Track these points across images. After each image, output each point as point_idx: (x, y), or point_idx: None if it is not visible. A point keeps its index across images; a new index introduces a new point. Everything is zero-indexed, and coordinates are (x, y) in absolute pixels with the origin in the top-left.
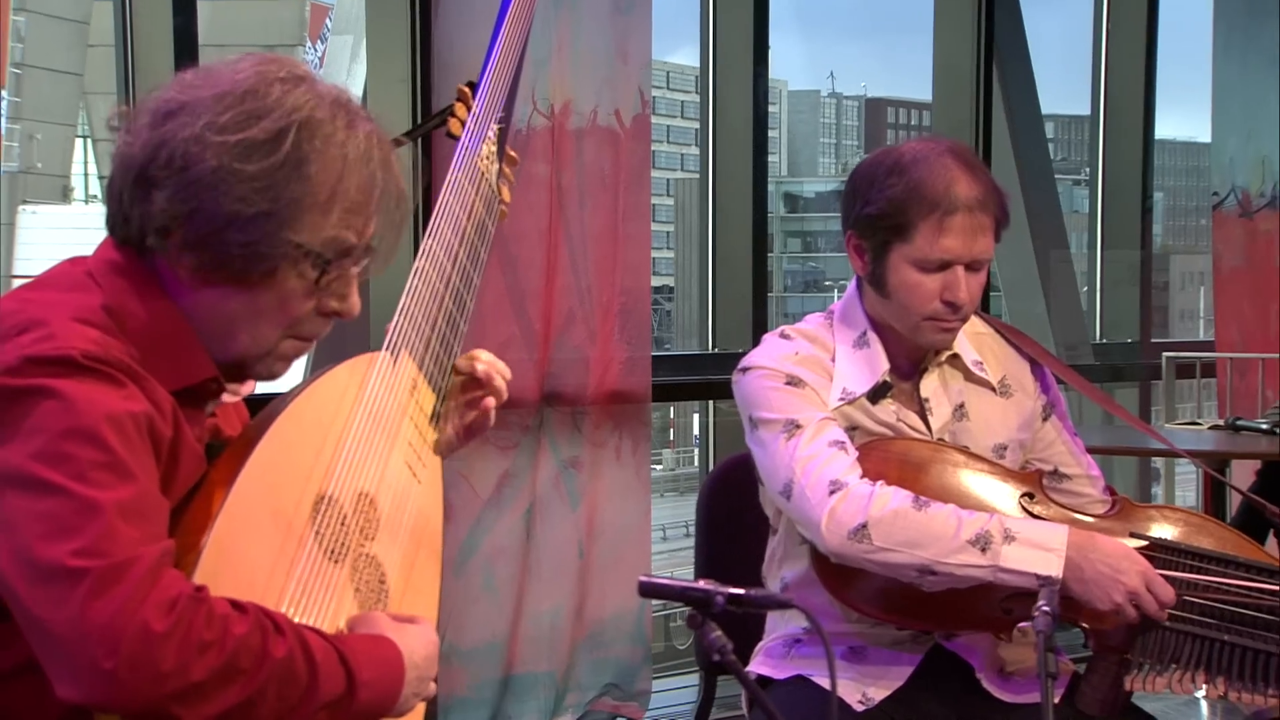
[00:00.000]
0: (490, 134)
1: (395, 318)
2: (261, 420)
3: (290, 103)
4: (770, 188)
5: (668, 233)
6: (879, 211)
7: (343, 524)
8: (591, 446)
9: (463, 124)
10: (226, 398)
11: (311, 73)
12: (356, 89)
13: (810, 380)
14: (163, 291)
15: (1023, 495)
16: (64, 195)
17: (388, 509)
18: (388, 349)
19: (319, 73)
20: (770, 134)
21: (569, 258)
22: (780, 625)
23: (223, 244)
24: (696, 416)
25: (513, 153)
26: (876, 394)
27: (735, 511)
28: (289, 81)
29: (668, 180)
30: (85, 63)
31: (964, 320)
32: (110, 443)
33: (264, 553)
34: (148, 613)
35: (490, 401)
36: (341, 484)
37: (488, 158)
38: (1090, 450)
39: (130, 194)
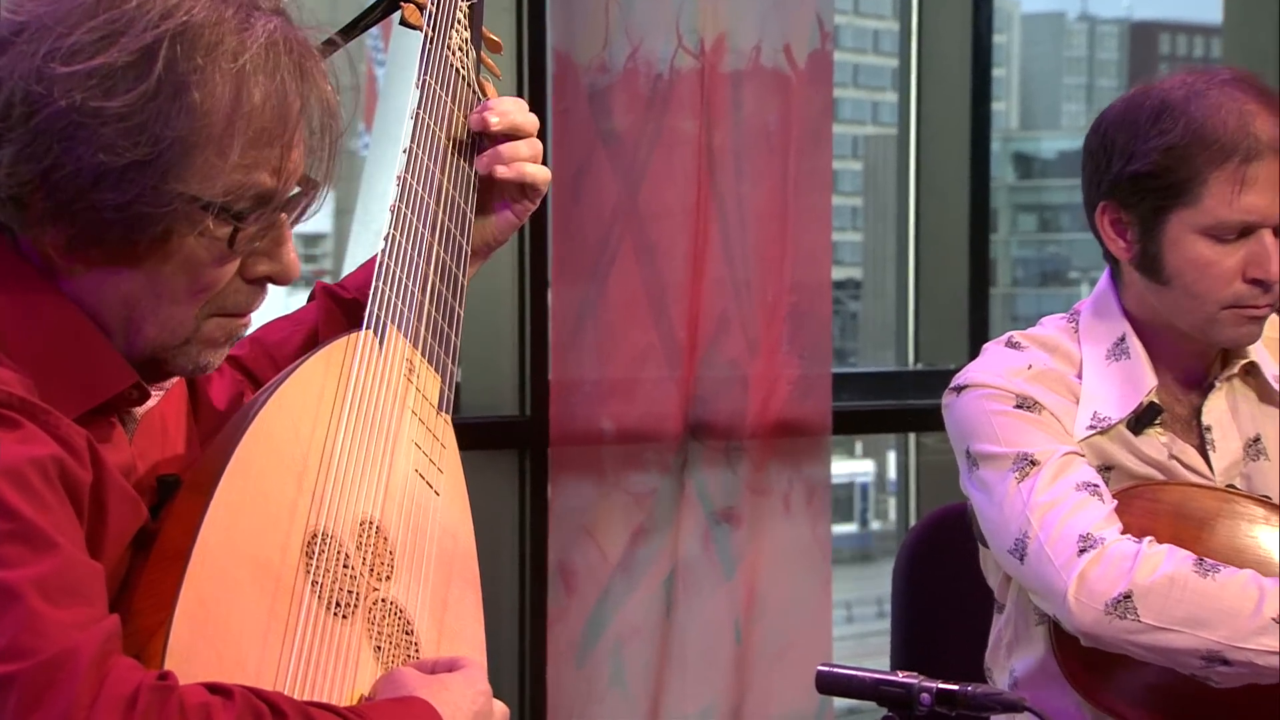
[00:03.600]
0: (460, 16)
1: (374, 284)
2: (219, 447)
3: (158, 6)
4: (995, 146)
5: (854, 208)
6: (1150, 168)
7: (345, 566)
8: (752, 494)
9: (421, 9)
10: (152, 404)
11: None
12: None
13: (1049, 403)
14: (43, 281)
15: None
16: None
17: (401, 536)
18: (369, 327)
19: None
20: (996, 73)
21: (722, 243)
22: None
23: (93, 209)
24: (893, 455)
25: (494, 36)
26: (1140, 420)
27: (946, 582)
28: None
29: (855, 138)
30: None
31: (1275, 307)
32: (13, 504)
33: (249, 620)
34: (101, 717)
35: (508, 149)
36: (336, 514)
37: (460, 49)
38: None
39: None
